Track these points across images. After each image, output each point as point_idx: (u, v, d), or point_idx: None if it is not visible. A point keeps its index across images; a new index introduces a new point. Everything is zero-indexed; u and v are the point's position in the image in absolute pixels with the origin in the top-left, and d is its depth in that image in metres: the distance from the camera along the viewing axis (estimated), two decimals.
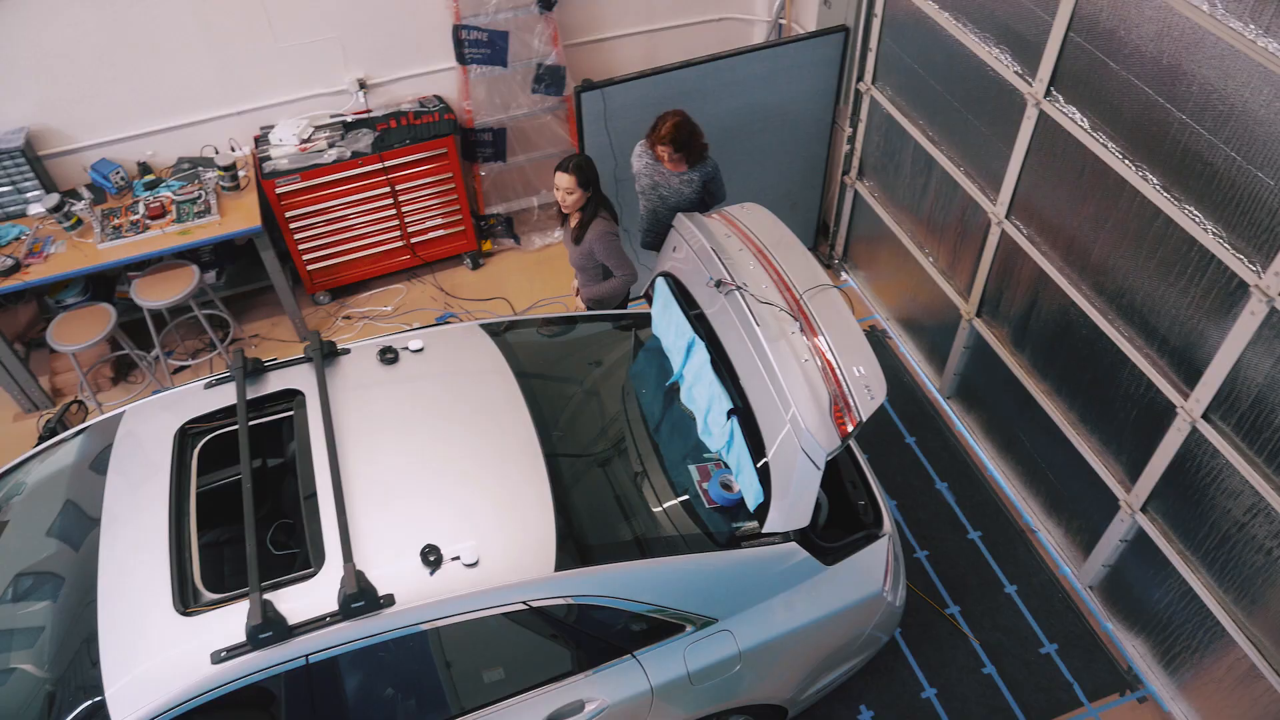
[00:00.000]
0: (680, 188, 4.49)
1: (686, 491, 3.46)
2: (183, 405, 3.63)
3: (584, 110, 4.94)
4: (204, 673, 2.81)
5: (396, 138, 5.67)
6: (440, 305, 6.18)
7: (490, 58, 5.70)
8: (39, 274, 5.11)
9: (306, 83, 5.72)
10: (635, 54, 6.26)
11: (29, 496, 3.77)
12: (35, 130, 5.36)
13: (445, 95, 5.98)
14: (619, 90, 4.98)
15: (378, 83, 5.88)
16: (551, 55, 5.81)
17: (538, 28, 5.70)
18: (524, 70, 5.84)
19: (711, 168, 4.46)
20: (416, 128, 5.73)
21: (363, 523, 3.07)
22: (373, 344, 3.77)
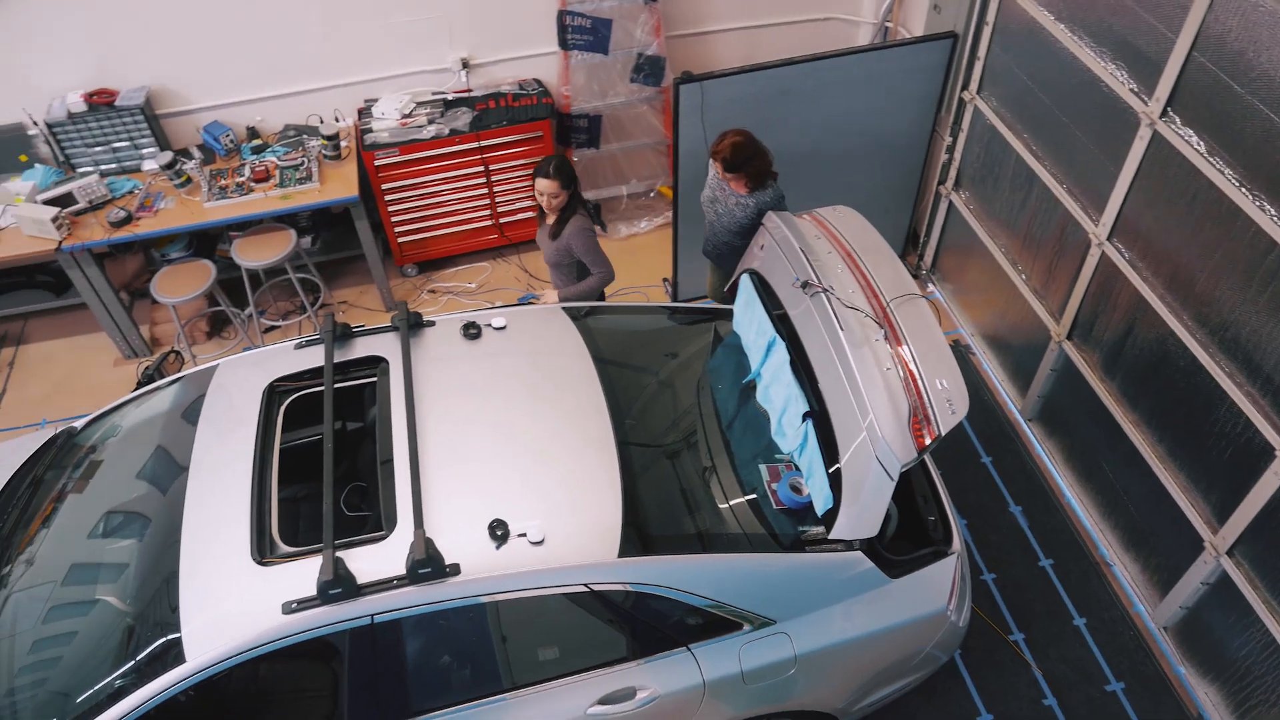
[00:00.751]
0: (734, 209, 4.48)
1: (754, 491, 3.45)
2: (273, 363, 3.75)
3: (681, 102, 4.94)
4: (275, 622, 2.91)
5: (494, 118, 5.76)
6: (523, 286, 6.26)
7: (592, 44, 5.74)
8: (148, 227, 5.34)
9: (412, 59, 5.85)
10: (736, 49, 6.23)
11: (123, 439, 3.95)
12: (155, 90, 5.60)
13: (545, 79, 6.04)
14: (718, 84, 4.96)
15: (480, 63, 5.98)
16: (653, 45, 5.82)
17: (641, 17, 5.72)
18: (624, 59, 5.87)
19: (771, 199, 4.40)
20: (514, 109, 5.80)
21: (435, 491, 3.13)
22: (457, 318, 3.84)
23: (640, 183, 6.47)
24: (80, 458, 3.94)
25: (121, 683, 3.06)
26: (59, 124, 5.44)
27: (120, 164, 5.66)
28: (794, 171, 5.44)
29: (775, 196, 4.44)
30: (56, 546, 3.61)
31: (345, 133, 5.76)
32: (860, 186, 5.64)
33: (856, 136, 5.43)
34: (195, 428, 3.56)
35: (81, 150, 5.58)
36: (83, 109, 5.41)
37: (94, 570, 3.49)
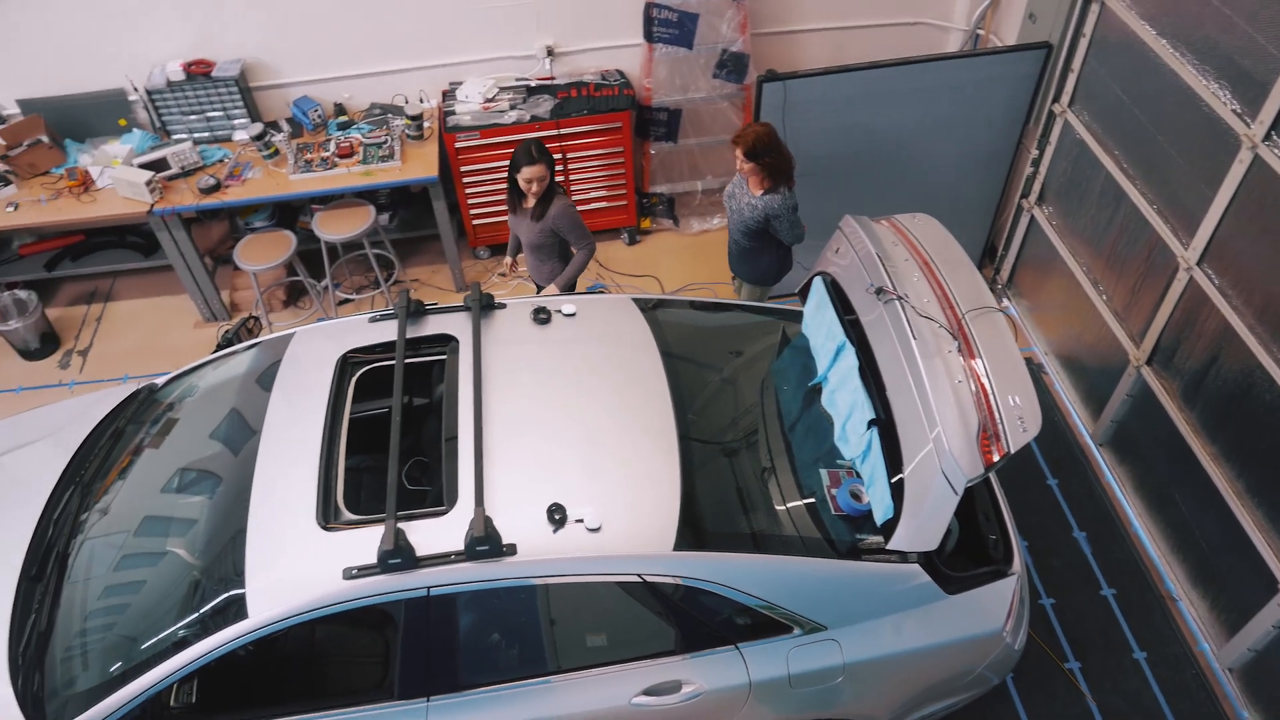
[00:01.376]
0: (743, 209, 4.53)
1: (813, 495, 3.42)
2: (347, 335, 3.83)
3: (764, 101, 4.91)
4: (335, 586, 2.98)
5: (575, 107, 5.79)
6: (592, 276, 6.29)
7: (677, 38, 5.73)
8: (235, 195, 5.50)
9: (498, 45, 5.92)
10: (822, 50, 6.17)
11: (200, 399, 4.08)
12: (250, 63, 5.76)
13: (627, 71, 6.06)
14: (802, 84, 4.92)
15: (564, 52, 6.02)
16: (738, 42, 5.79)
17: (728, 13, 5.70)
18: (708, 54, 5.85)
19: (780, 205, 4.42)
20: (595, 99, 5.83)
21: (496, 471, 3.17)
22: (528, 302, 3.88)
23: (715, 179, 6.45)
24: (159, 414, 4.08)
25: (185, 633, 3.17)
26: (158, 91, 5.63)
27: (213, 133, 5.84)
28: (872, 176, 5.40)
29: (785, 204, 4.44)
30: (131, 498, 3.75)
31: (429, 114, 5.86)
32: (940, 195, 5.54)
33: (939, 144, 5.34)
34: (269, 392, 3.66)
35: (177, 118, 5.77)
36: (181, 78, 5.59)
37: (165, 523, 3.61)
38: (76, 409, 4.34)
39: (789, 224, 4.52)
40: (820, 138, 5.14)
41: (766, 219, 4.49)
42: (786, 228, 4.54)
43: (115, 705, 3.11)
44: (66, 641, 3.38)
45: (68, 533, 3.66)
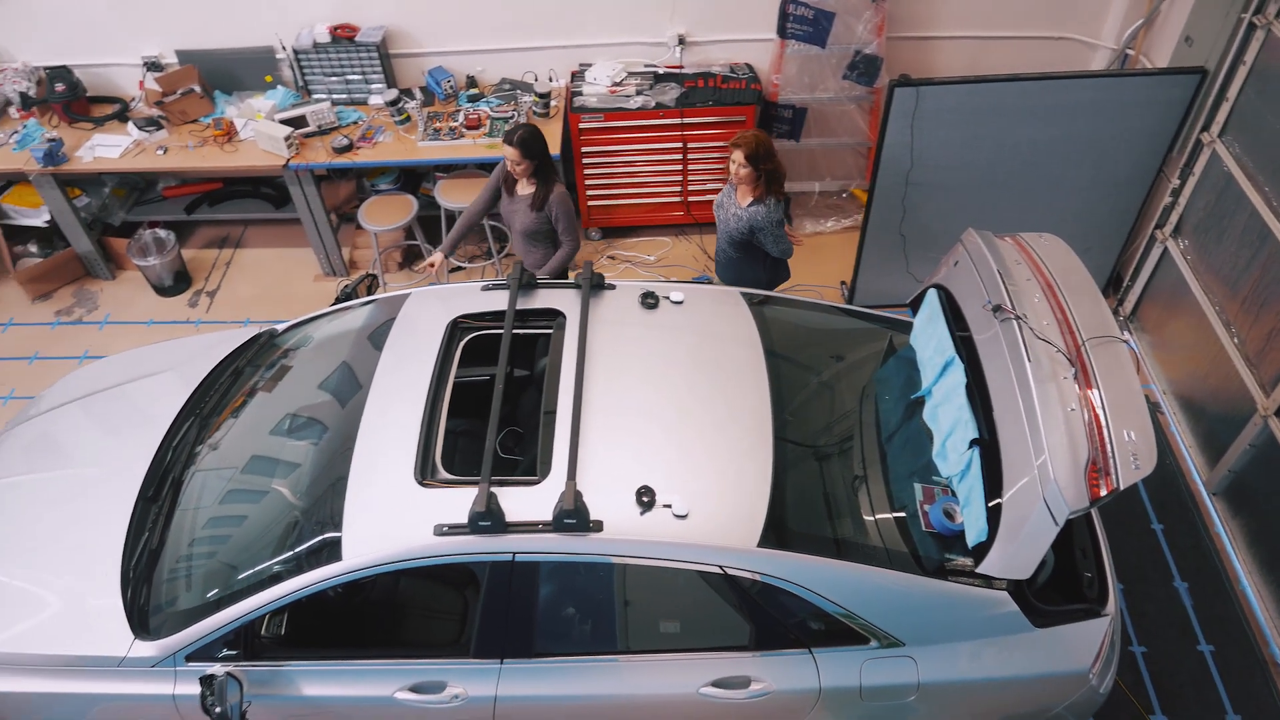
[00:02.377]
0: (729, 219, 4.52)
1: (904, 509, 3.36)
2: (459, 301, 3.94)
3: (894, 106, 4.82)
4: (426, 541, 3.08)
5: (700, 97, 5.79)
6: (700, 267, 6.30)
7: (811, 36, 5.67)
8: (365, 157, 5.70)
9: (631, 30, 5.96)
10: (959, 58, 6.02)
11: (315, 348, 4.25)
12: (392, 30, 5.95)
13: (756, 65, 6.03)
14: (935, 92, 4.81)
15: (695, 41, 6.02)
16: (872, 44, 5.69)
17: (866, 14, 5.60)
18: (840, 54, 5.77)
19: (765, 218, 4.38)
20: (722, 91, 5.82)
21: (591, 448, 3.22)
22: (637, 286, 3.91)
23: (834, 181, 6.37)
24: (276, 359, 4.27)
25: (280, 568, 3.32)
26: (304, 52, 5.88)
27: (350, 95, 6.06)
28: (999, 191, 5.24)
29: (770, 217, 4.40)
30: (242, 435, 3.94)
31: (557, 93, 5.95)
32: (1067, 217, 5.35)
33: (1073, 165, 5.15)
34: (381, 349, 3.79)
35: (319, 78, 6.00)
36: (326, 40, 5.81)
37: (271, 463, 3.78)
38: (201, 346, 4.59)
39: (773, 237, 4.47)
40: (948, 148, 5.02)
41: (751, 230, 4.46)
42: (771, 241, 4.49)
43: (210, 628, 3.28)
44: (173, 562, 3.58)
45: (183, 461, 3.88)
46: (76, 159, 5.80)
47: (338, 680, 3.35)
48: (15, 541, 3.72)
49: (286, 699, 3.36)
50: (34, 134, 5.94)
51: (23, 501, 3.88)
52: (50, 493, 3.88)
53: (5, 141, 5.94)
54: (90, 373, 4.60)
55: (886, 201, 5.27)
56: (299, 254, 6.60)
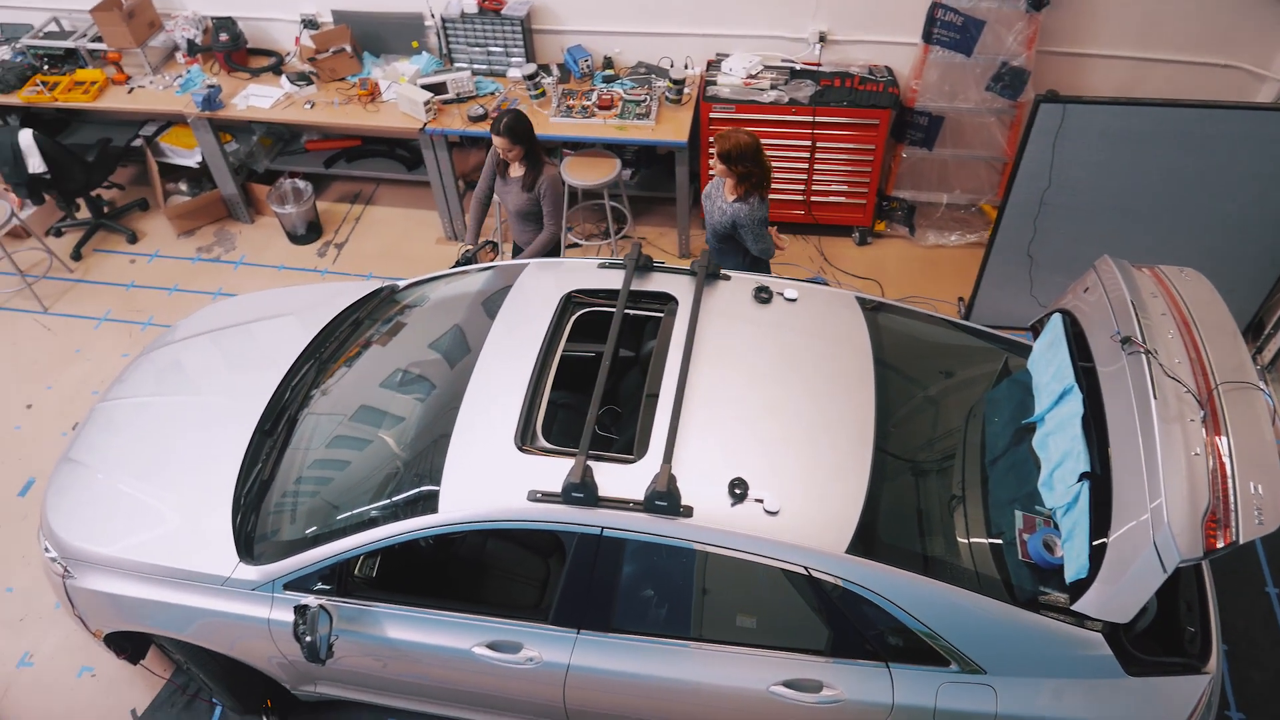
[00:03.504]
0: (715, 210, 4.61)
1: (1001, 535, 3.26)
2: (575, 275, 4.00)
3: (1037, 121, 4.65)
4: (519, 505, 3.16)
5: (835, 97, 5.71)
6: (815, 268, 6.23)
7: (957, 43, 5.52)
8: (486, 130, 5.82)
9: (772, 23, 5.92)
10: (1112, 78, 5.76)
11: (431, 308, 4.39)
12: (537, 6, 6.06)
13: (896, 69, 5.91)
14: (1083, 111, 4.62)
15: (836, 40, 5.94)
16: (1021, 57, 5.51)
17: (1017, 25, 5.42)
18: (985, 64, 5.60)
19: (747, 215, 4.45)
20: (857, 93, 5.72)
21: (689, 434, 3.23)
22: (752, 279, 3.90)
23: (964, 195, 6.20)
24: (393, 314, 4.42)
25: (377, 514, 3.45)
26: (451, 21, 6.04)
27: (490, 67, 6.21)
28: (1139, 220, 5.02)
29: (752, 215, 4.45)
30: (355, 384, 4.10)
31: (691, 80, 5.96)
32: (1210, 254, 5.04)
33: (1223, 200, 4.87)
34: (495, 314, 3.89)
35: (463, 48, 6.17)
36: (474, 11, 5.97)
37: (379, 414, 3.93)
38: (325, 294, 4.79)
39: (754, 235, 4.51)
40: (1090, 170, 4.82)
41: (734, 225, 4.51)
42: (752, 239, 4.53)
43: (309, 561, 3.44)
44: (280, 495, 3.77)
45: (299, 402, 4.06)
46: (231, 106, 6.12)
47: (420, 627, 3.47)
48: (141, 457, 3.98)
49: (371, 638, 3.50)
50: (196, 79, 6.29)
51: (150, 421, 4.14)
52: (176, 416, 4.13)
53: (170, 84, 6.31)
54: (222, 309, 4.86)
55: (1017, 220, 5.10)
56: (424, 216, 6.81)
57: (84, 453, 4.09)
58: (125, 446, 4.05)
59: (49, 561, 3.89)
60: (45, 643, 4.60)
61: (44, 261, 6.59)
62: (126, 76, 6.38)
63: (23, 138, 5.95)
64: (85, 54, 6.46)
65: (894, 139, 6.05)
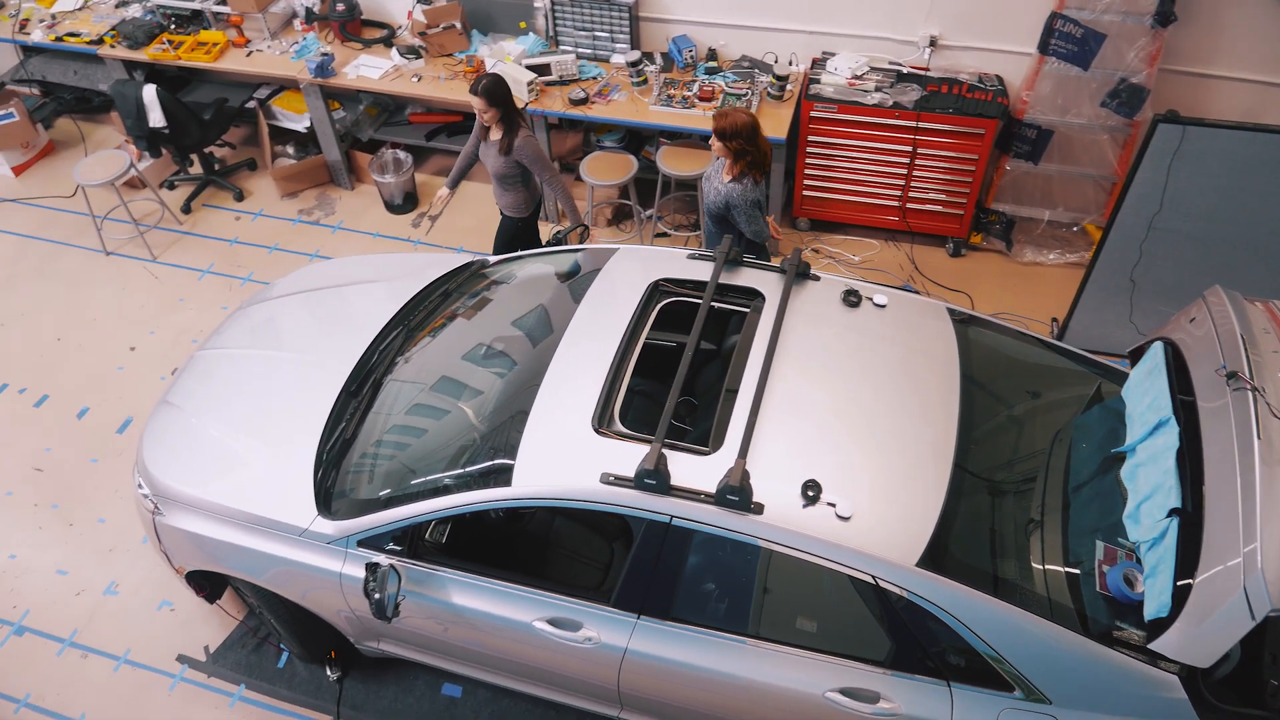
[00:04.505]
0: (710, 192, 4.66)
1: (1079, 564, 3.17)
2: (663, 264, 4.01)
3: (1153, 142, 4.48)
4: (591, 486, 3.19)
5: (941, 103, 5.59)
6: (904, 276, 6.12)
7: (1074, 56, 5.34)
8: (598, 113, 5.87)
9: (882, 24, 5.82)
10: (1236, 102, 5.51)
11: (518, 285, 4.45)
12: None
13: (1007, 78, 5.75)
14: (1204, 134, 4.43)
15: (947, 45, 5.81)
16: (1141, 74, 5.30)
17: (1140, 41, 5.22)
18: (1102, 80, 5.41)
19: (740, 196, 4.48)
20: (964, 100, 5.59)
21: (765, 432, 3.22)
22: (842, 281, 3.86)
23: (1067, 212, 6.01)
24: (481, 289, 4.50)
25: (451, 482, 3.53)
26: (560, 3, 6.10)
27: (594, 51, 6.25)
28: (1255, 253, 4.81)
29: (745, 196, 4.48)
30: (439, 353, 4.19)
31: (794, 77, 5.90)
32: None
33: None
34: (581, 295, 3.92)
35: (569, 31, 6.22)
36: None
37: (459, 386, 4.00)
38: (416, 264, 4.90)
39: (747, 217, 4.54)
40: (1206, 195, 4.62)
41: (727, 205, 4.56)
42: (744, 220, 4.56)
43: (383, 521, 3.54)
44: (360, 455, 3.87)
45: (384, 367, 4.17)
46: (342, 74, 6.29)
47: (484, 596, 3.54)
48: (233, 406, 4.14)
49: (436, 601, 3.59)
50: (311, 47, 6.49)
51: (244, 372, 4.30)
52: (267, 370, 4.28)
53: (286, 50, 6.51)
54: (318, 270, 5.01)
55: (1122, 243, 4.92)
56: None
57: (181, 397, 4.27)
58: (219, 394, 4.22)
59: (141, 498, 4.08)
60: (131, 574, 4.83)
61: (156, 212, 6.89)
62: (246, 40, 6.61)
63: (146, 93, 6.22)
64: (210, 16, 6.72)
65: (999, 150, 5.90)
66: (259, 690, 4.37)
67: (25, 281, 6.48)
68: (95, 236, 6.64)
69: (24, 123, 7.17)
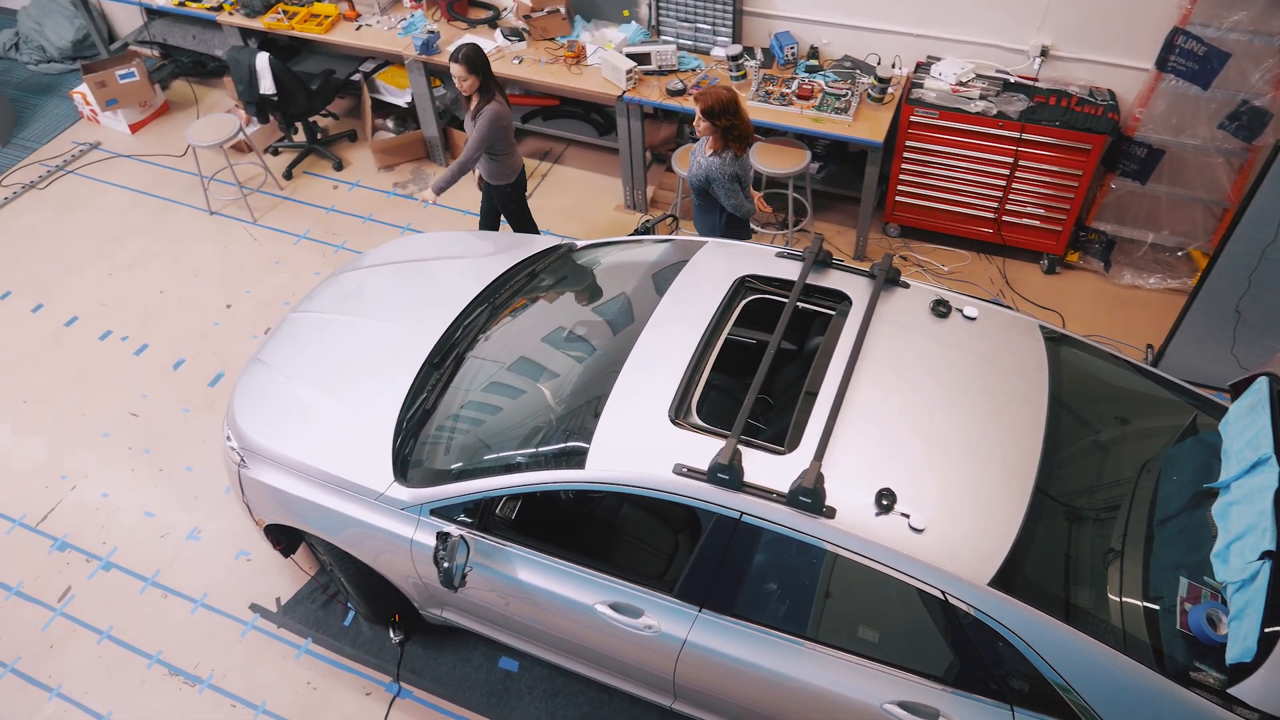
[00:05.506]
0: (693, 166, 4.78)
1: (1160, 600, 3.07)
2: (750, 260, 4.00)
3: (1274, 168, 4.28)
4: (663, 475, 3.21)
5: (1048, 115, 5.44)
6: (994, 290, 5.98)
7: (1194, 74, 5.14)
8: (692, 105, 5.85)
9: (992, 31, 5.67)
10: None
11: (604, 271, 4.48)
12: None
13: (1119, 94, 5.56)
14: None
15: (1059, 56, 5.64)
16: (1266, 96, 5.07)
17: (1267, 62, 4.99)
18: (1222, 101, 5.19)
19: (719, 169, 4.60)
20: (1073, 114, 5.43)
21: (843, 436, 3.19)
22: (932, 290, 3.79)
23: (1172, 236, 5.79)
24: (567, 272, 4.55)
25: (525, 460, 3.58)
26: None
27: (695, 43, 6.24)
28: None
29: (723, 170, 4.60)
30: (520, 334, 4.24)
31: (897, 80, 5.80)
32: None
33: None
34: (665, 286, 3.94)
35: (671, 22, 6.22)
36: None
37: (539, 367, 4.06)
38: (505, 243, 4.98)
39: (726, 190, 4.65)
40: None
41: (707, 179, 4.68)
42: (724, 193, 4.67)
43: (458, 492, 3.62)
44: (438, 426, 3.96)
45: (467, 342, 4.25)
46: (446, 52, 6.40)
47: (548, 574, 3.59)
48: (321, 368, 4.27)
49: (501, 575, 3.65)
50: (418, 24, 6.62)
51: (332, 337, 4.43)
52: (355, 336, 4.40)
53: (394, 26, 6.66)
54: (408, 243, 5.12)
55: (1231, 271, 4.73)
56: (607, 182, 6.94)
57: (272, 356, 4.42)
58: (308, 356, 4.36)
59: (228, 449, 4.24)
60: (212, 522, 5.03)
61: (259, 176, 7.13)
62: (357, 14, 6.78)
63: (259, 60, 6.43)
64: None
65: (1104, 167, 5.71)
66: (324, 645, 4.51)
67: (135, 234, 6.77)
68: (202, 196, 6.90)
69: (144, 82, 7.48)
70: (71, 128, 7.75)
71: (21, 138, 7.69)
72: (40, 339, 6.06)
